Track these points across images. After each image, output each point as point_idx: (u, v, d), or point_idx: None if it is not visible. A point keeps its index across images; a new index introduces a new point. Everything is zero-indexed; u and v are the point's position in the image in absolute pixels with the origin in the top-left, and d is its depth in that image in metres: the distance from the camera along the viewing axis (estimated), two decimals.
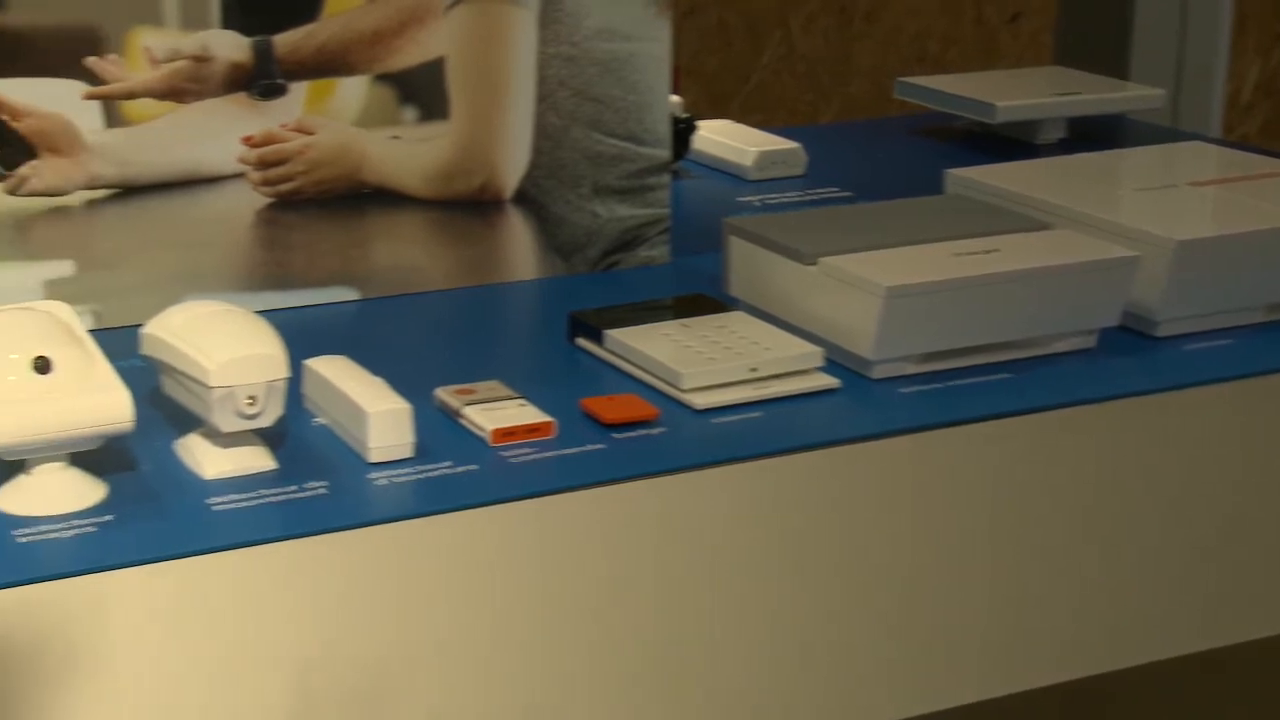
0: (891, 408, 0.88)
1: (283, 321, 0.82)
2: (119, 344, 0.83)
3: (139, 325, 0.83)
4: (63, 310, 0.81)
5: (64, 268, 0.96)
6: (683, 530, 0.76)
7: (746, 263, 0.98)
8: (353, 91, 1.01)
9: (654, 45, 1.07)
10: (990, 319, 0.91)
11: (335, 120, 1.01)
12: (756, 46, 2.41)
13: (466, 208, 1.05)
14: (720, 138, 1.37)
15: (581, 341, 0.95)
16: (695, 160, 1.36)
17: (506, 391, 0.86)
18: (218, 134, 0.98)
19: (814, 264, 0.93)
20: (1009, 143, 1.39)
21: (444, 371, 0.90)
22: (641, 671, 0.65)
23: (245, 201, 1.00)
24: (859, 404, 0.88)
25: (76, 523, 0.74)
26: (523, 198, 1.06)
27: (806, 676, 0.65)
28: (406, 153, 1.03)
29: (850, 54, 2.44)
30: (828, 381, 0.89)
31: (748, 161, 1.33)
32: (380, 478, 0.79)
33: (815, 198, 1.27)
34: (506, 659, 0.66)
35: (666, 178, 1.10)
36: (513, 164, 1.05)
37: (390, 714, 0.62)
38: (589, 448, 0.82)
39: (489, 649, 0.66)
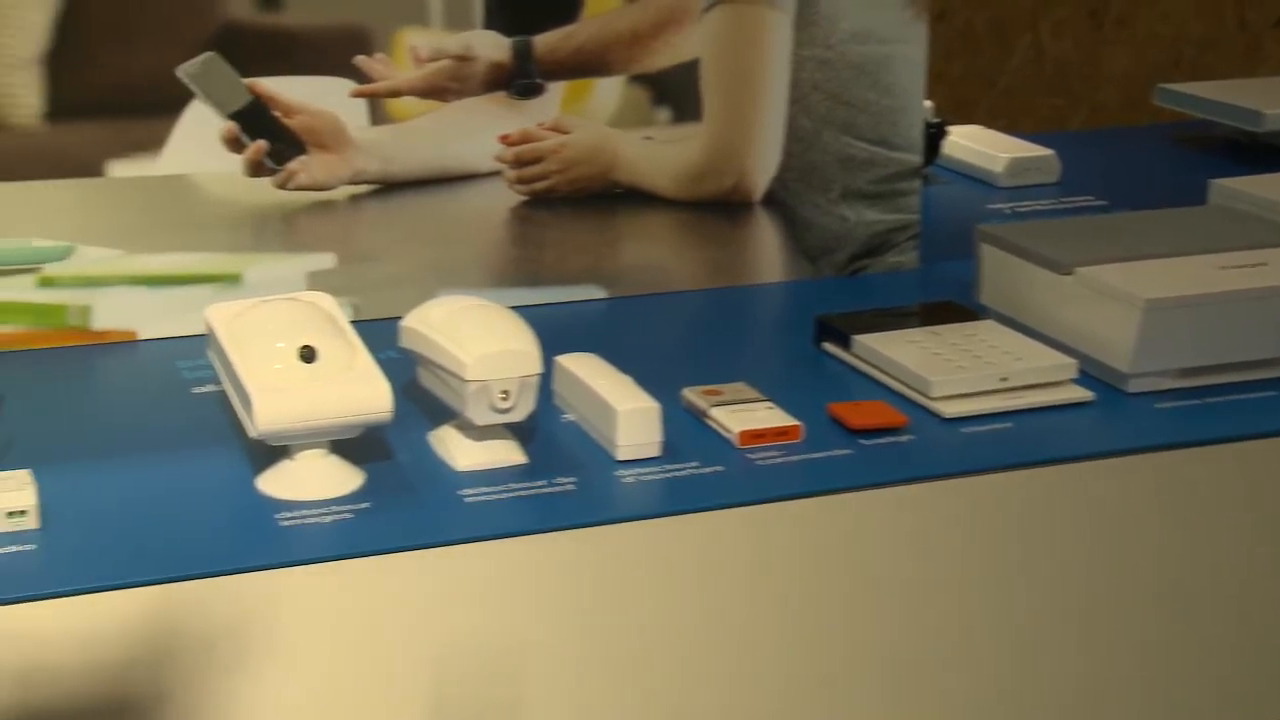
0: (1147, 423, 0.85)
1: (533, 318, 0.83)
2: (377, 336, 0.86)
3: (395, 318, 0.85)
4: (327, 302, 0.83)
5: (326, 260, 0.99)
6: (930, 538, 0.75)
7: (999, 271, 0.97)
8: (608, 92, 1.03)
9: (909, 48, 1.06)
10: (1254, 335, 0.88)
11: (590, 120, 1.02)
12: (1004, 50, 2.37)
13: (716, 209, 1.05)
14: (971, 143, 1.35)
15: (828, 346, 0.94)
16: (944, 165, 1.34)
17: (753, 394, 0.86)
18: (476, 132, 1.00)
19: (1070, 274, 0.91)
20: (1275, 152, 1.34)
21: (691, 371, 0.90)
22: (885, 677, 0.64)
23: (500, 199, 1.02)
24: (1113, 418, 0.86)
25: (335, 509, 0.76)
26: (772, 200, 1.06)
27: (1056, 679, 0.63)
28: (658, 153, 1.04)
29: (1100, 59, 2.39)
30: (1081, 394, 0.87)
31: (999, 168, 1.31)
32: (628, 475, 0.80)
33: (1069, 206, 1.24)
34: (752, 659, 0.66)
35: (917, 183, 1.09)
36: (763, 166, 1.05)
37: (635, 706, 0.62)
38: (836, 453, 0.82)
39: (735, 647, 0.66)
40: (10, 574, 0.70)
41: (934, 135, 1.28)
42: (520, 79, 1.00)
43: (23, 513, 0.73)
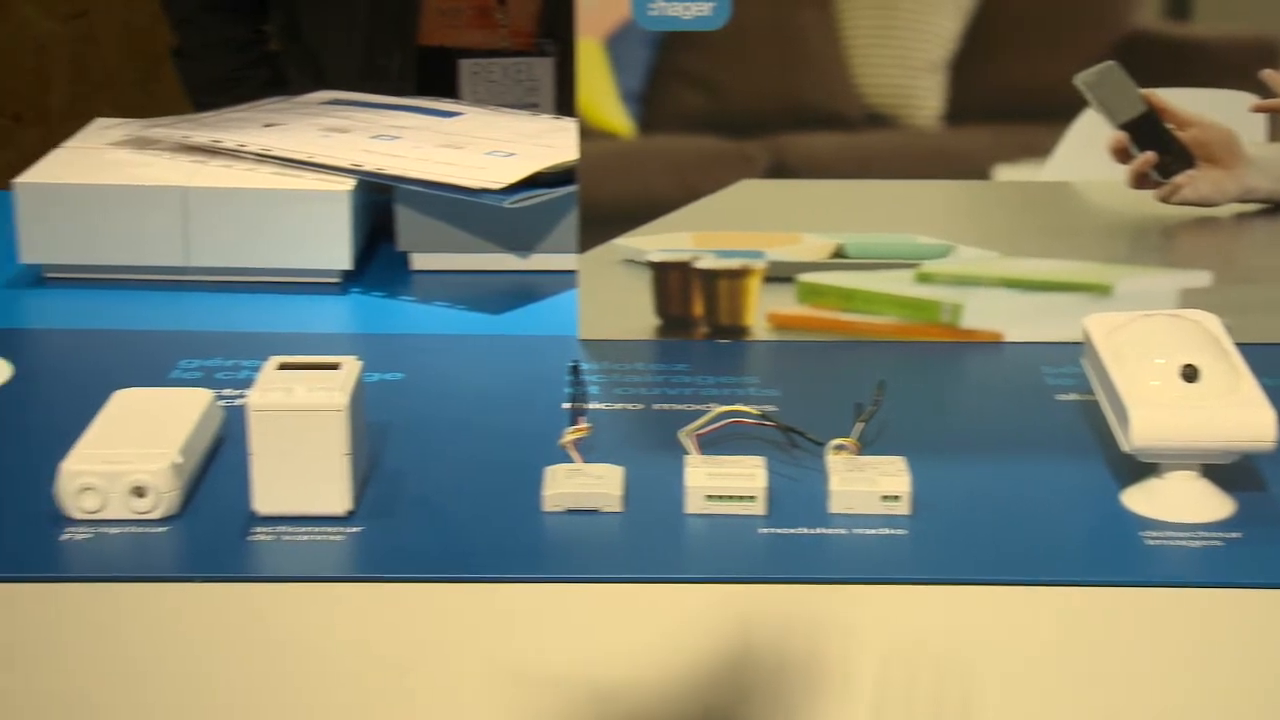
0: None
1: None
2: (1254, 360, 0.82)
3: (1275, 344, 0.81)
4: (1211, 322, 0.81)
5: (1202, 278, 0.96)
6: None
7: None
8: None
9: None
10: None
11: None
12: None
13: None
14: None
15: None
16: None
17: None
18: None
19: None
20: None
21: None
22: None
23: None
24: None
25: (1204, 534, 0.74)
26: None
27: None
28: None
29: None
30: None
31: None
32: None
33: None
34: None
35: None
36: None
37: None
38: None
39: None
40: (881, 556, 0.73)
41: None
42: None
43: (897, 498, 0.76)
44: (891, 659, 0.65)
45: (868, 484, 0.76)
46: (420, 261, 1.09)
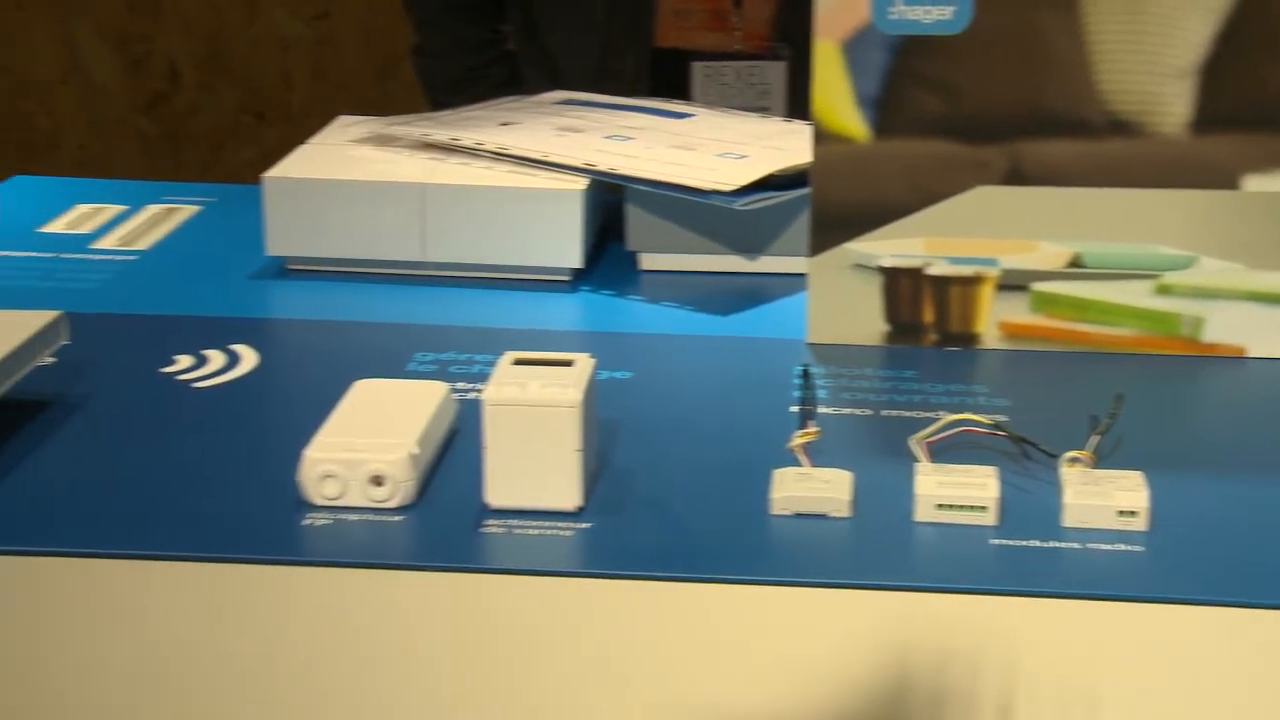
0: None
1: None
2: None
3: None
4: None
5: None
6: None
7: None
8: None
9: None
10: None
11: None
12: None
13: None
14: None
15: None
16: None
17: None
18: None
19: None
20: None
21: None
22: None
23: None
24: None
25: None
26: None
27: None
28: None
29: None
30: None
31: None
32: None
33: None
34: None
35: None
36: None
37: None
38: None
39: None
40: (1116, 572, 0.71)
41: None
42: None
43: (1134, 513, 0.74)
44: (1126, 676, 0.64)
45: (1103, 498, 0.74)
46: (649, 261, 1.09)
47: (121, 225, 1.18)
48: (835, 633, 0.67)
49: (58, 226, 1.18)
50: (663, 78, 1.52)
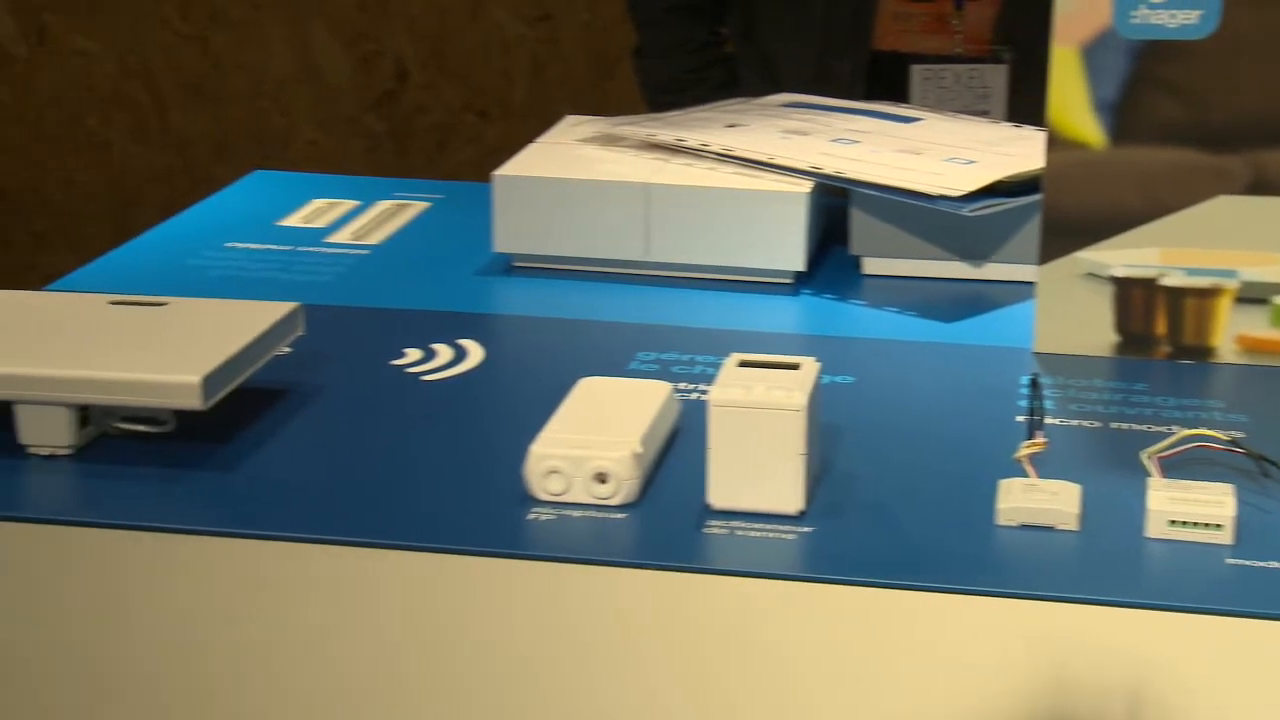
0: None
1: None
2: None
3: None
4: None
5: None
6: None
7: None
8: None
9: None
10: None
11: None
12: None
13: None
14: None
15: None
16: None
17: None
18: None
19: None
20: None
21: None
22: None
23: None
24: None
25: None
26: None
27: None
28: None
29: None
30: None
31: None
32: None
33: None
34: None
35: None
36: None
37: None
38: None
39: None
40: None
41: None
42: None
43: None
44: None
45: None
46: (872, 266, 1.08)
47: (354, 220, 1.21)
48: (1061, 648, 0.66)
49: (294, 220, 1.21)
50: (879, 80, 1.51)
